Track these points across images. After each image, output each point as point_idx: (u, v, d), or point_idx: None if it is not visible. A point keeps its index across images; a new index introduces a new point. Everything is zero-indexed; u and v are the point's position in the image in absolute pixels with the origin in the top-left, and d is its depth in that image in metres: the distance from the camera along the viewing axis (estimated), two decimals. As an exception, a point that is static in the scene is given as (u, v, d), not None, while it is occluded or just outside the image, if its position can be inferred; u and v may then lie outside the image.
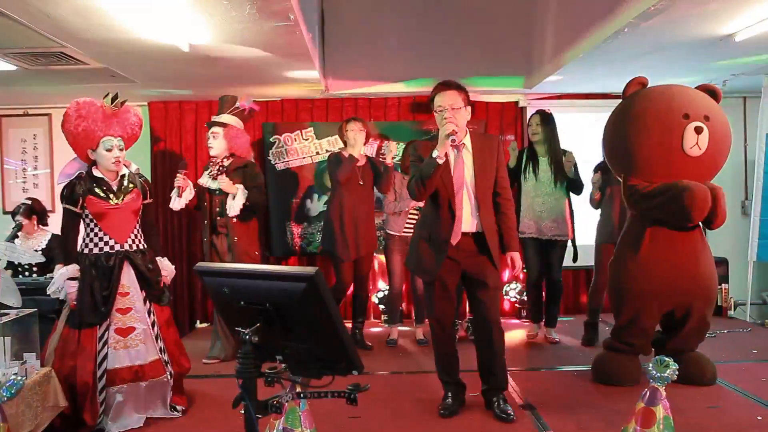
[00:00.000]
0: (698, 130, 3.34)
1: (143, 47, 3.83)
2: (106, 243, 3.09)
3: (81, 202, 3.07)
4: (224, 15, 3.25)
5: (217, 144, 4.20)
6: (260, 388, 1.67)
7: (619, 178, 3.72)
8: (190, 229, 5.65)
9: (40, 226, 4.77)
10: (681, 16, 3.48)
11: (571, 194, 4.62)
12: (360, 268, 4.58)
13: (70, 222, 3.13)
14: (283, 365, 1.73)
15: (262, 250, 4.57)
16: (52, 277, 4.29)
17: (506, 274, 4.48)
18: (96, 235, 3.10)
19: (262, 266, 1.80)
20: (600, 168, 4.53)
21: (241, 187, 4.15)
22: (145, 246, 3.24)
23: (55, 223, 5.18)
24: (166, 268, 3.32)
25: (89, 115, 3.03)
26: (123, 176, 3.19)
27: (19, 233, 4.68)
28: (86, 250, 3.09)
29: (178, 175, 4.10)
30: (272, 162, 5.62)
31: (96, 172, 3.13)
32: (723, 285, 5.45)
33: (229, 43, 3.79)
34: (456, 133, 2.92)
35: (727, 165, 5.86)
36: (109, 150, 3.08)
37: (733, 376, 3.64)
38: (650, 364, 2.47)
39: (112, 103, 3.09)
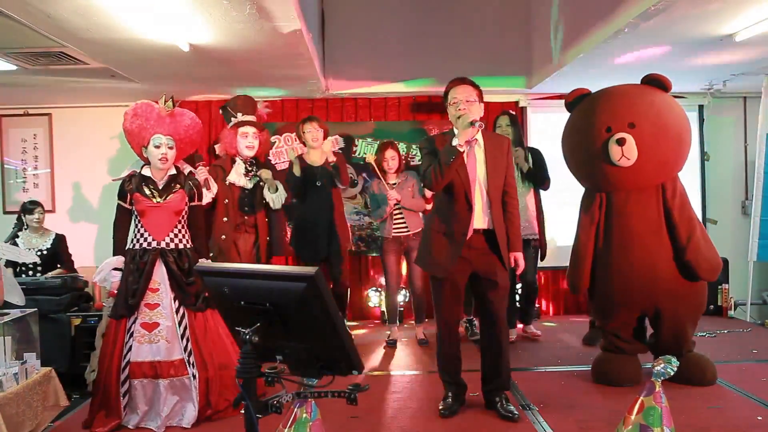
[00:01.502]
0: (621, 142, 3.27)
1: (143, 47, 3.84)
2: (146, 239, 3.20)
3: (129, 198, 3.22)
4: (224, 15, 3.26)
5: (257, 144, 4.23)
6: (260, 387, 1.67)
7: None
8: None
9: (44, 226, 4.79)
10: (681, 16, 3.48)
11: (542, 193, 4.64)
12: (332, 266, 4.56)
13: (119, 216, 3.29)
14: (283, 365, 1.73)
15: None
16: (53, 277, 4.35)
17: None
18: (139, 231, 3.23)
19: (262, 266, 1.80)
20: None
21: (278, 182, 4.24)
22: (188, 246, 3.28)
23: (56, 224, 5.20)
24: None
25: (144, 114, 3.20)
26: (173, 176, 3.26)
27: (23, 232, 4.68)
28: (130, 245, 3.24)
29: (200, 167, 4.07)
30: (272, 162, 5.60)
31: (145, 171, 3.26)
32: (723, 285, 5.45)
33: (229, 44, 3.79)
34: (478, 120, 2.96)
35: (728, 165, 5.99)
36: (157, 147, 3.19)
37: (734, 376, 3.64)
38: (657, 362, 2.47)
39: (164, 104, 3.21)
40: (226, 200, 4.19)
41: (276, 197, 4.23)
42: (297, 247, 4.63)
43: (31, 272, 4.57)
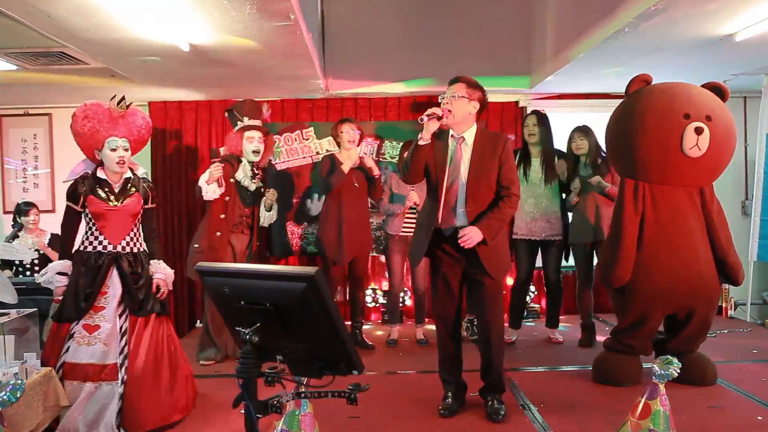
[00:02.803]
0: (699, 131, 3.28)
1: (143, 47, 3.84)
2: (100, 243, 3.12)
3: (82, 200, 3.12)
4: (224, 15, 3.25)
5: (263, 149, 4.27)
6: (260, 387, 1.67)
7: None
8: (190, 229, 5.65)
9: (40, 227, 4.81)
10: (681, 15, 3.48)
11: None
12: (355, 269, 4.58)
13: (69, 219, 3.18)
14: (283, 365, 1.73)
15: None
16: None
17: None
18: (93, 234, 3.14)
19: (262, 266, 1.80)
20: (567, 160, 4.59)
21: (274, 202, 4.36)
22: (142, 250, 3.22)
23: (56, 224, 5.19)
24: (162, 271, 3.23)
25: (95, 116, 3.10)
26: (127, 179, 3.20)
27: (20, 232, 4.70)
28: (82, 248, 3.14)
29: (215, 163, 4.09)
30: (272, 162, 5.61)
31: (100, 173, 3.17)
32: (724, 285, 5.43)
33: (229, 44, 3.79)
34: (434, 113, 2.97)
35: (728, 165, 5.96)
36: (113, 150, 3.11)
37: (734, 376, 3.64)
38: (655, 363, 2.47)
39: (118, 105, 3.14)
40: (227, 198, 4.20)
41: (268, 216, 4.34)
42: (325, 248, 4.50)
43: (29, 272, 4.57)
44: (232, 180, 4.21)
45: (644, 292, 3.46)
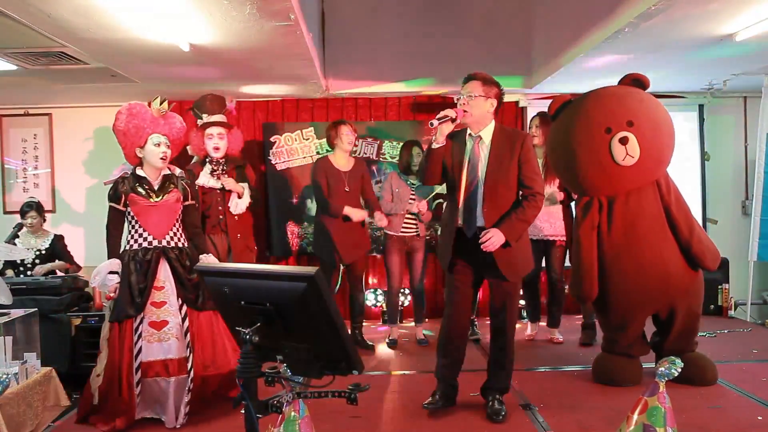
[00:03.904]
0: (624, 141, 3.26)
1: (143, 47, 3.84)
2: (145, 239, 3.21)
3: (124, 199, 3.21)
4: (224, 15, 3.26)
5: (223, 144, 4.26)
6: (260, 387, 1.68)
7: None
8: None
9: (43, 227, 4.80)
10: (681, 15, 3.48)
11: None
12: (354, 270, 4.58)
13: (113, 219, 3.26)
14: (283, 365, 1.73)
15: (259, 245, 4.64)
16: (53, 277, 4.35)
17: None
18: (137, 231, 3.23)
19: (262, 266, 1.80)
20: None
21: (245, 185, 4.29)
22: (185, 245, 3.33)
23: (57, 224, 5.20)
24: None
25: (140, 114, 3.22)
26: (166, 176, 3.31)
27: (21, 232, 4.69)
28: (126, 246, 3.23)
29: None
30: (272, 162, 5.61)
31: (140, 172, 3.27)
32: (724, 285, 5.44)
33: (229, 43, 3.79)
34: (447, 116, 2.92)
35: (727, 165, 5.98)
36: (157, 145, 3.22)
37: (734, 376, 3.64)
38: (661, 364, 2.47)
39: (160, 105, 3.25)
40: (197, 205, 4.23)
41: (240, 202, 4.27)
42: (320, 252, 4.52)
43: (29, 272, 4.57)
44: (196, 187, 4.23)
45: (616, 304, 3.49)
